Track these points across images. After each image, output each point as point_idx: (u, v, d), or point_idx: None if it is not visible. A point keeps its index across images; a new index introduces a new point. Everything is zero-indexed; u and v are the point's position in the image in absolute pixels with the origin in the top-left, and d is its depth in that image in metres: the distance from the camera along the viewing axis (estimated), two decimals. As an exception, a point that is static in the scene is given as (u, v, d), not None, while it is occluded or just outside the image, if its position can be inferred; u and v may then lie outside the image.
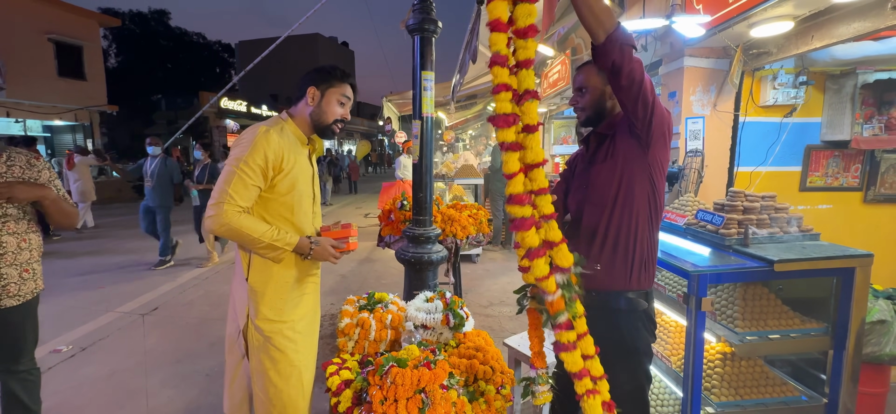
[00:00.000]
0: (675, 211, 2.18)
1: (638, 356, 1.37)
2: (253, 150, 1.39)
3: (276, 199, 1.48)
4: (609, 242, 1.35)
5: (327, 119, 1.53)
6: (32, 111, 12.70)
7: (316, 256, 1.54)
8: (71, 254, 6.27)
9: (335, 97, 1.53)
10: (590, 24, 1.19)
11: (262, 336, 1.51)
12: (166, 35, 29.68)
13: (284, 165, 1.45)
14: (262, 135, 1.41)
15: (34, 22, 12.60)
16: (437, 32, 2.23)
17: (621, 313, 1.36)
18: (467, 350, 1.75)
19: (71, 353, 3.14)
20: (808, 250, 1.65)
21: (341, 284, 4.73)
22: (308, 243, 1.51)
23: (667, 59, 2.90)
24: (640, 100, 1.22)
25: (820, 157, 2.84)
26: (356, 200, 12.82)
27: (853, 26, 1.95)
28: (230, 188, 1.38)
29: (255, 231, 1.40)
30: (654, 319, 1.42)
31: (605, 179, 1.36)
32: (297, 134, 1.55)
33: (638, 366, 1.38)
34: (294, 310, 1.57)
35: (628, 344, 1.36)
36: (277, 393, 1.53)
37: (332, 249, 1.56)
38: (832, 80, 2.72)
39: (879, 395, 2.31)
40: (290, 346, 1.54)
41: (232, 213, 1.38)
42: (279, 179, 1.45)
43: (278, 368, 1.52)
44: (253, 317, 1.51)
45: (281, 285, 1.53)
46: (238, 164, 1.39)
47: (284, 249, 1.45)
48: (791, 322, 1.74)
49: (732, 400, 1.71)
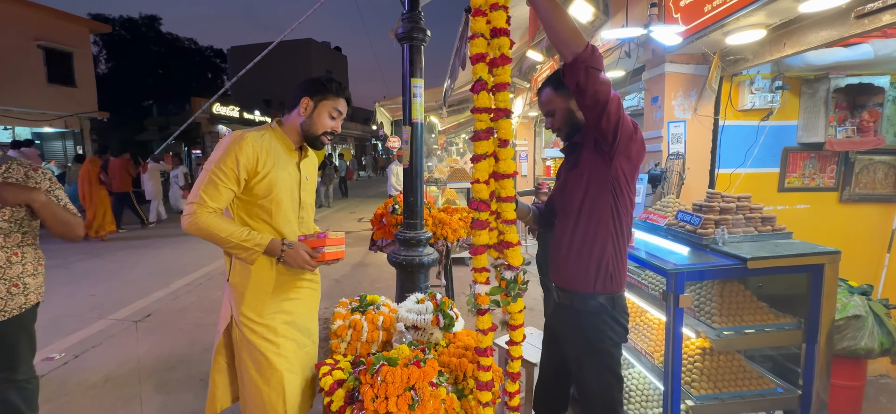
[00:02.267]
0: (656, 212, 2.26)
1: (602, 357, 1.42)
2: (225, 153, 1.45)
3: (254, 202, 1.52)
4: (574, 246, 1.41)
5: (316, 130, 1.57)
6: (21, 118, 12.57)
7: (288, 260, 1.52)
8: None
9: (327, 110, 1.57)
10: (557, 44, 1.25)
11: (242, 335, 1.56)
12: (157, 41, 29.47)
13: (260, 169, 1.49)
14: (235, 139, 1.47)
15: (23, 28, 12.49)
16: (426, 41, 2.30)
17: (586, 314, 1.42)
18: (457, 349, 1.80)
19: (64, 360, 3.15)
20: (780, 248, 1.73)
21: (335, 289, 4.75)
22: (280, 246, 1.51)
23: (649, 65, 3.00)
24: (603, 117, 1.26)
25: (797, 158, 2.94)
26: (350, 205, 12.83)
27: (821, 34, 2.05)
28: (202, 190, 1.44)
29: (224, 231, 1.44)
30: (622, 322, 1.44)
31: (572, 187, 1.43)
32: (284, 140, 1.58)
33: (603, 366, 1.42)
34: (276, 313, 1.57)
35: (594, 344, 1.42)
36: (258, 392, 1.56)
37: (306, 255, 1.53)
38: (807, 85, 2.82)
39: (856, 388, 2.40)
40: (271, 348, 1.55)
41: (203, 214, 1.43)
42: (255, 183, 1.49)
43: (260, 369, 1.55)
44: (235, 316, 1.57)
45: (260, 287, 1.55)
46: (212, 168, 1.45)
47: (254, 250, 1.47)
48: (766, 317, 1.81)
49: (711, 393, 1.78)
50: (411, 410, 1.39)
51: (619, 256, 1.40)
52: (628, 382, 2.21)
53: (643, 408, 2.05)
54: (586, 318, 1.42)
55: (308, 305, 1.71)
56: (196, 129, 18.82)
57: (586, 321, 1.42)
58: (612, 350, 1.43)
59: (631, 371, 2.27)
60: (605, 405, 1.43)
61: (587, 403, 1.46)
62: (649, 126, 3.03)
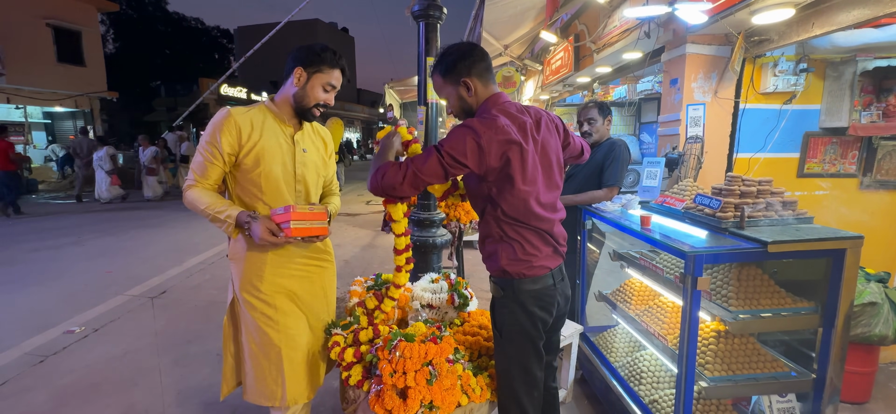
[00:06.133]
0: (674, 195, 2.23)
1: (501, 341, 1.45)
2: (209, 132, 1.48)
3: (244, 175, 1.52)
4: (481, 238, 1.51)
5: (308, 103, 1.54)
6: (32, 97, 12.68)
7: (251, 234, 1.46)
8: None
9: (321, 83, 1.52)
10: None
11: (243, 310, 1.58)
12: (164, 20, 29.36)
13: (244, 142, 1.48)
14: (218, 116, 1.49)
15: (32, 7, 12.50)
16: (442, 18, 2.26)
17: (494, 298, 1.49)
18: (472, 328, 1.82)
19: (84, 333, 3.23)
20: (801, 232, 1.71)
21: (345, 269, 4.81)
22: (246, 219, 1.46)
23: (669, 46, 2.93)
24: (413, 191, 1.36)
25: (818, 143, 2.88)
26: (358, 187, 12.86)
27: (853, 13, 1.98)
28: (193, 169, 1.51)
29: (202, 203, 1.47)
30: (523, 310, 1.41)
31: (472, 188, 1.47)
32: (276, 114, 1.56)
33: (501, 349, 1.46)
34: (275, 291, 1.56)
35: (496, 325, 1.47)
36: (258, 365, 1.59)
37: (266, 232, 1.43)
38: (832, 68, 2.74)
39: (868, 374, 2.40)
40: (270, 323, 1.55)
41: (192, 190, 1.49)
42: (242, 156, 1.49)
43: (259, 340, 1.57)
44: (236, 291, 1.59)
45: (255, 261, 1.55)
46: (200, 147, 1.50)
47: (226, 221, 1.46)
48: (783, 301, 1.80)
49: (725, 375, 1.79)
50: (429, 385, 1.41)
51: (514, 250, 1.46)
52: (640, 364, 2.22)
53: (655, 389, 2.07)
54: (494, 301, 1.53)
55: (315, 283, 1.68)
56: (204, 110, 18.87)
57: (494, 304, 1.53)
58: (511, 336, 1.49)
59: (643, 353, 2.28)
60: (502, 387, 1.52)
61: (497, 381, 1.56)
62: (667, 109, 2.98)
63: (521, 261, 1.39)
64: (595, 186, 2.53)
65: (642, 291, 2.36)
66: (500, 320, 1.45)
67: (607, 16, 3.80)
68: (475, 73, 1.39)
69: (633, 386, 2.12)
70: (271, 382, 1.58)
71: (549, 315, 1.45)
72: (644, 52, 3.33)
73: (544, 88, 6.28)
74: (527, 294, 1.41)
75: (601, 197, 2.46)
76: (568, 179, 2.65)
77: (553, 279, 1.44)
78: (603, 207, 2.37)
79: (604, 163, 2.50)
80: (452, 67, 1.40)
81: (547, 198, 1.43)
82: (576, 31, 4.72)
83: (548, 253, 1.44)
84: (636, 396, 2.05)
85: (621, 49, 3.48)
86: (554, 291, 1.45)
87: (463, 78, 1.39)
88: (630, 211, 2.30)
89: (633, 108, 6.24)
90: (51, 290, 4.18)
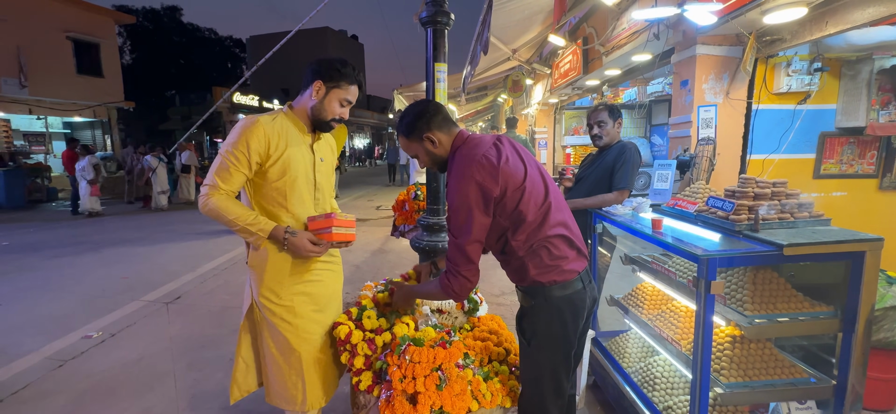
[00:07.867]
0: (686, 198, 2.20)
1: (528, 350, 1.45)
2: (238, 138, 1.47)
3: (268, 184, 1.53)
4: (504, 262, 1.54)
5: (325, 116, 1.57)
6: (53, 108, 13.08)
7: (291, 249, 1.52)
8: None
9: (339, 98, 1.56)
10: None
11: (263, 316, 1.60)
12: (179, 31, 30.08)
13: (272, 152, 1.50)
14: (248, 123, 1.50)
15: (53, 20, 12.92)
16: (450, 24, 2.28)
17: (522, 307, 1.49)
18: (481, 333, 1.82)
19: (101, 338, 3.30)
20: (818, 235, 1.67)
21: (355, 274, 4.83)
22: (282, 234, 1.50)
23: (679, 48, 2.90)
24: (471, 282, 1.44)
25: (834, 144, 2.82)
26: (368, 193, 12.94)
27: (869, 11, 1.94)
28: (215, 174, 1.49)
29: (232, 214, 1.47)
30: (558, 318, 1.41)
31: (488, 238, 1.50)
32: (296, 123, 1.59)
33: (530, 358, 1.45)
34: (295, 295, 1.59)
35: (525, 334, 1.46)
36: (279, 371, 1.61)
37: (309, 244, 1.52)
38: (848, 67, 2.69)
39: (891, 380, 2.32)
40: (290, 329, 1.58)
41: (216, 197, 1.47)
42: (268, 166, 1.51)
43: (281, 349, 1.60)
44: (255, 297, 1.61)
45: (277, 269, 1.57)
46: (225, 152, 1.49)
47: (258, 235, 1.49)
48: (800, 306, 1.76)
49: (741, 381, 1.75)
50: (439, 391, 1.41)
51: (529, 261, 1.48)
52: (654, 370, 2.19)
53: (669, 395, 2.03)
54: (522, 310, 1.53)
55: (328, 286, 1.72)
56: (218, 118, 19.23)
57: (522, 313, 1.53)
58: (540, 344, 1.49)
59: (656, 358, 2.25)
60: (531, 396, 1.52)
61: (522, 389, 1.56)
62: (678, 111, 2.94)
63: (550, 267, 1.39)
64: (605, 190, 2.51)
65: (655, 295, 2.33)
66: (530, 329, 1.43)
67: (616, 18, 3.78)
68: (434, 126, 1.45)
69: (647, 392, 2.09)
70: (292, 387, 1.62)
71: (580, 320, 1.45)
72: (654, 54, 3.30)
73: (553, 92, 6.27)
74: (559, 300, 1.40)
75: (612, 200, 2.44)
76: (578, 183, 2.64)
77: (582, 283, 1.45)
78: (614, 211, 2.35)
79: (614, 166, 2.48)
80: (413, 127, 1.46)
81: (552, 192, 1.46)
82: (584, 33, 4.70)
83: (573, 256, 1.44)
84: (650, 402, 2.02)
85: (630, 51, 3.46)
86: (584, 294, 1.45)
87: (425, 134, 1.45)
88: (641, 214, 2.27)
89: (643, 110, 6.19)
90: (70, 295, 4.28)
